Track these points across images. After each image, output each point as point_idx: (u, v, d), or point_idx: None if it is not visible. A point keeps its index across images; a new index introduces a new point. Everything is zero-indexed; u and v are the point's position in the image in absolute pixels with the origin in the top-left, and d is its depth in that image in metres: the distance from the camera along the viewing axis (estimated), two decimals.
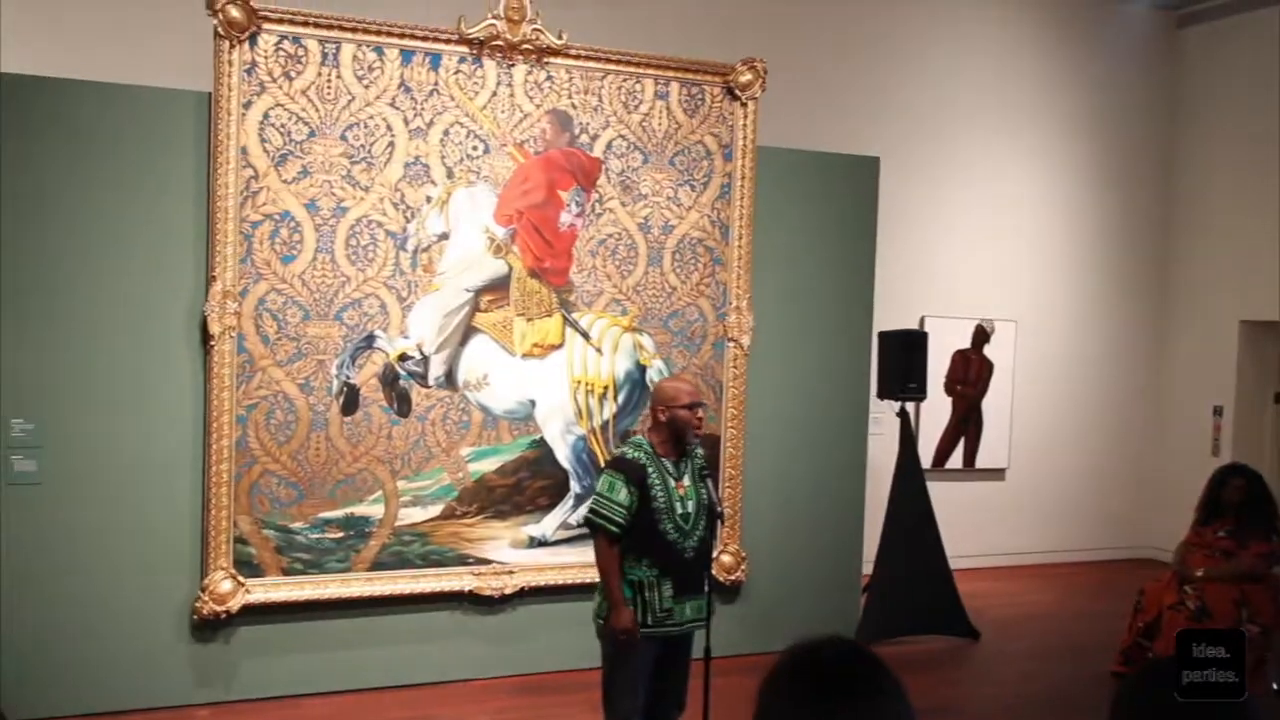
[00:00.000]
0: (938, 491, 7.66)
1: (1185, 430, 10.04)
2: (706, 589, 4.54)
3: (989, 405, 9.61)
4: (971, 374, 9.53)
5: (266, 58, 5.63)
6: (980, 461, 9.61)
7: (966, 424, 9.55)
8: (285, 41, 5.66)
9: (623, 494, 4.35)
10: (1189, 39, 10.27)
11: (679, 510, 4.41)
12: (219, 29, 5.51)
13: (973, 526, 9.22)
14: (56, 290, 5.45)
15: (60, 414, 5.46)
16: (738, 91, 6.58)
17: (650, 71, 6.41)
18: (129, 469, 5.57)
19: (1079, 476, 10.06)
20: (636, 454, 4.45)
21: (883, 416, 7.79)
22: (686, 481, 4.47)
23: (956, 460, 9.52)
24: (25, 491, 5.40)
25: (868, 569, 7.37)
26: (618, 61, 6.33)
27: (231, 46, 5.54)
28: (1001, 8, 9.64)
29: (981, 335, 9.55)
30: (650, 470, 4.40)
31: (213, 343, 5.59)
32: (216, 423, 5.61)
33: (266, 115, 5.65)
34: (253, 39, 5.59)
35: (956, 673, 7.05)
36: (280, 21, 5.65)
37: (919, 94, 9.31)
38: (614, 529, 4.35)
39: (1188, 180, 10.24)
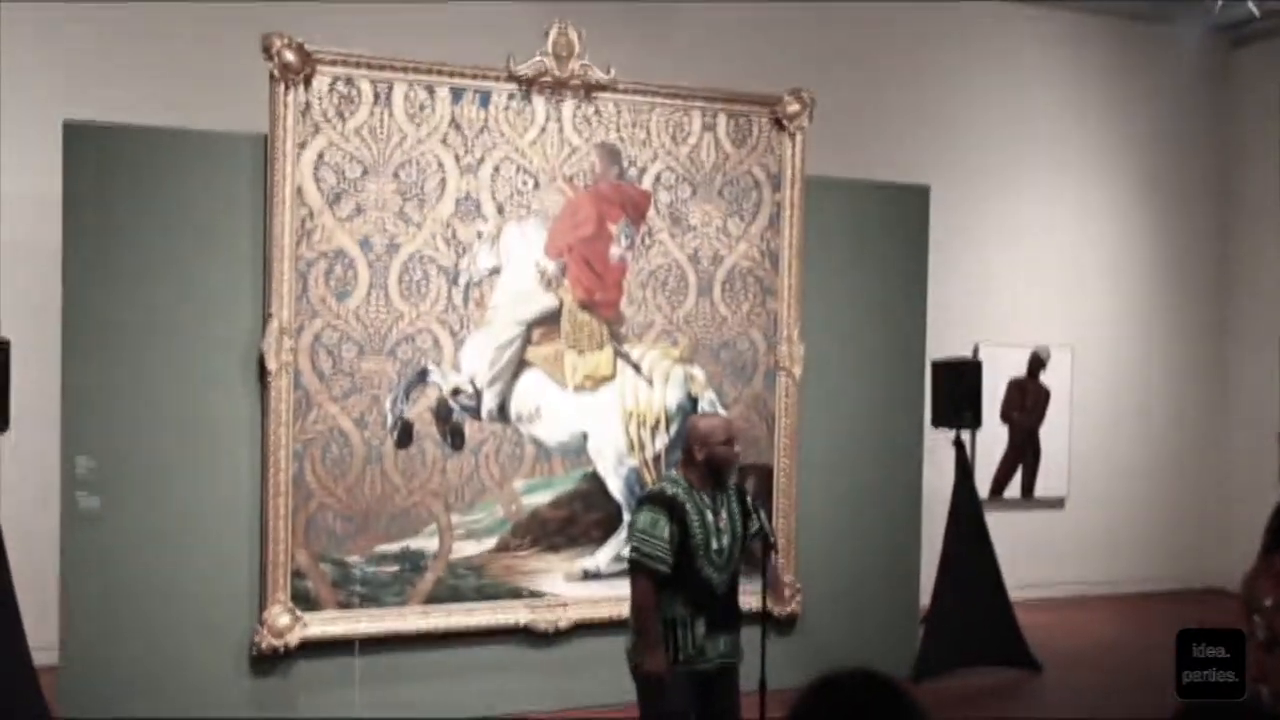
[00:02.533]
0: (995, 521, 7.56)
1: (1249, 457, 9.81)
2: (739, 623, 4.47)
3: (1046, 433, 9.47)
4: (1027, 401, 9.41)
5: (321, 99, 5.74)
6: (1039, 490, 9.47)
7: (1023, 452, 9.42)
8: (339, 83, 5.77)
9: (665, 531, 4.25)
10: (1244, 59, 10.14)
11: (714, 546, 4.33)
12: (274, 72, 5.63)
13: (1032, 557, 9.06)
14: (119, 330, 5.56)
15: (122, 452, 5.56)
16: (785, 122, 6.59)
17: (697, 104, 6.44)
18: (189, 504, 5.65)
19: (1141, 505, 9.86)
20: (674, 489, 4.37)
21: (938, 446, 7.71)
22: (725, 516, 4.40)
23: (1014, 489, 9.38)
24: (88, 528, 5.50)
25: (925, 600, 7.27)
26: (665, 95, 6.38)
27: (287, 89, 5.66)
28: (1052, 33, 9.58)
29: (1037, 362, 9.43)
30: (689, 506, 4.33)
31: (270, 379, 5.67)
32: (274, 458, 5.69)
33: (321, 155, 5.75)
34: (307, 81, 5.71)
35: (1019, 705, 6.90)
36: (334, 64, 5.76)
37: (969, 121, 9.27)
38: (663, 568, 4.24)
39: (1245, 202, 10.08)
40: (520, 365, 6.17)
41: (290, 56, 5.63)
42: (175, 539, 5.63)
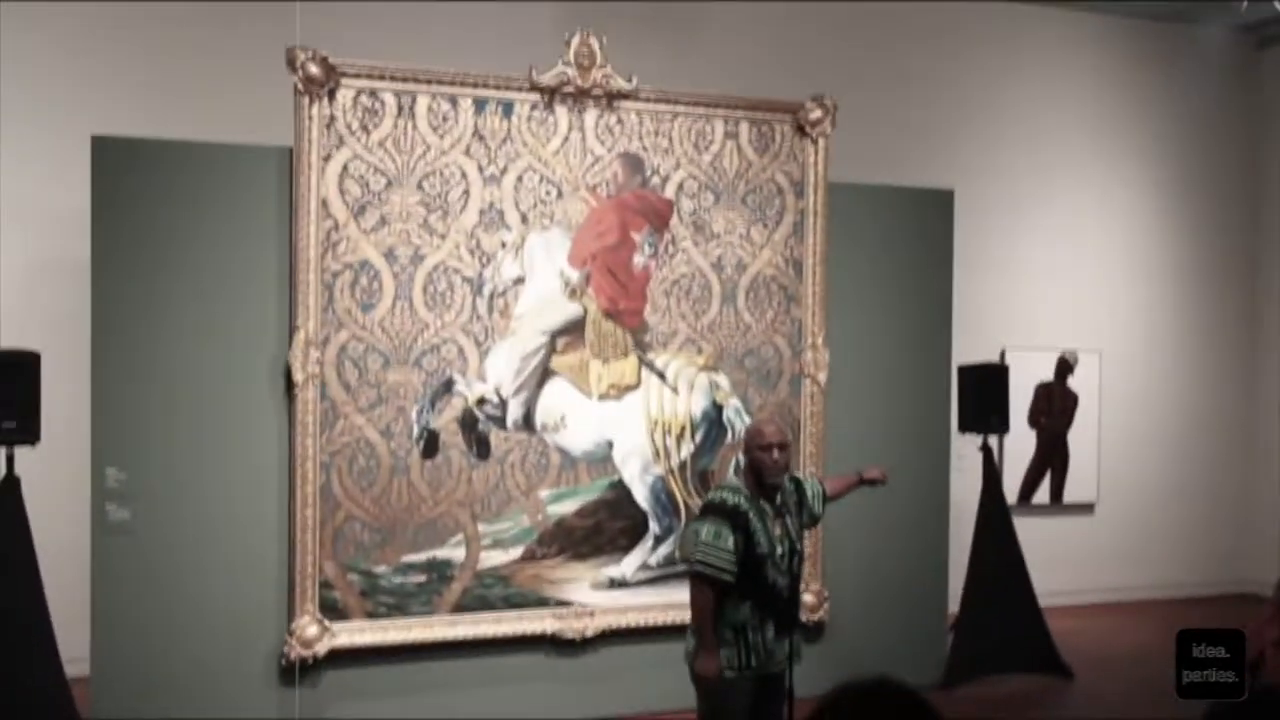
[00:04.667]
0: (1024, 527, 7.50)
1: None
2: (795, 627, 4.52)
3: (1074, 438, 9.40)
4: (1055, 406, 9.35)
5: (345, 112, 5.78)
6: (1068, 496, 9.40)
7: (1052, 458, 9.35)
8: (363, 95, 5.81)
9: (730, 541, 4.26)
10: (1270, 59, 10.05)
11: (778, 551, 4.37)
12: (299, 85, 5.67)
13: (1062, 562, 9.00)
14: (147, 343, 5.61)
15: (152, 463, 5.61)
16: (808, 129, 6.58)
17: (719, 112, 6.44)
18: (217, 516, 5.69)
19: (1172, 510, 9.77)
20: (736, 499, 4.37)
21: (965, 451, 7.67)
22: (786, 521, 4.45)
23: (1043, 495, 9.32)
24: (119, 540, 5.54)
25: (954, 606, 7.22)
26: (687, 103, 6.38)
27: (311, 102, 5.70)
28: (1077, 35, 9.54)
29: (1064, 367, 9.37)
30: (751, 515, 4.34)
31: (296, 390, 5.70)
32: (301, 469, 5.72)
33: (345, 167, 5.79)
34: (331, 94, 5.75)
35: (1050, 712, 6.86)
36: (358, 76, 5.80)
37: (994, 124, 9.23)
38: (728, 578, 4.26)
39: (1273, 204, 9.98)
40: (545, 374, 6.17)
41: (314, 69, 5.67)
42: (204, 550, 5.67)
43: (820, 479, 4.97)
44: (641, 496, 6.33)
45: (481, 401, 6.05)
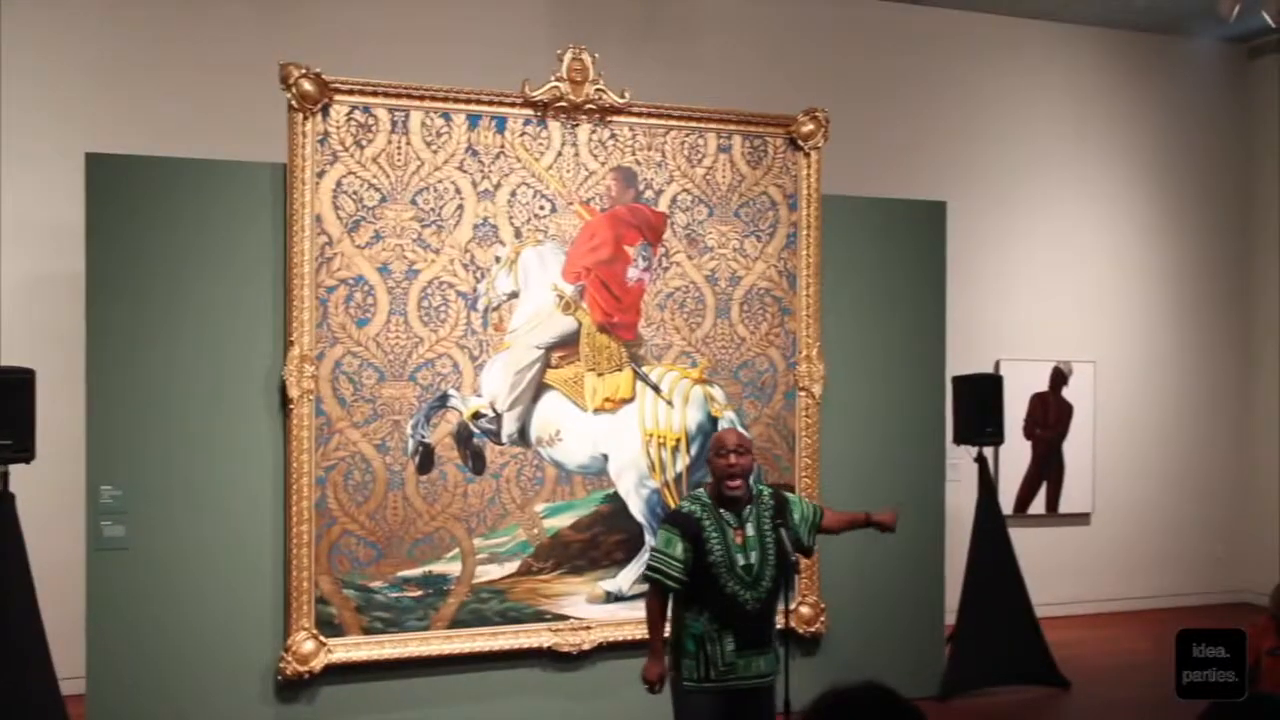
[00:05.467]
0: (1020, 538, 7.52)
1: (1275, 470, 9.73)
2: (775, 642, 4.47)
3: (1070, 448, 9.42)
4: (1050, 417, 9.37)
5: (338, 128, 5.80)
6: (1064, 506, 9.41)
7: (1047, 468, 9.37)
8: (356, 111, 5.83)
9: (678, 548, 4.32)
10: (1261, 70, 10.10)
11: (740, 562, 4.34)
12: (293, 102, 5.69)
13: (1058, 573, 9.02)
14: (141, 359, 5.62)
15: (147, 480, 5.61)
16: (800, 142, 6.61)
17: (712, 125, 6.47)
18: (212, 532, 5.69)
19: (1168, 519, 9.79)
20: (693, 507, 4.42)
21: (960, 463, 7.68)
22: (750, 531, 4.39)
23: (1039, 505, 9.33)
24: (113, 557, 5.54)
25: (950, 618, 7.22)
26: (680, 117, 6.40)
27: (305, 118, 5.71)
28: (1067, 46, 9.59)
29: (1059, 377, 9.39)
30: (706, 523, 4.36)
31: (291, 406, 5.71)
32: (296, 484, 5.72)
33: (339, 183, 5.80)
34: (325, 110, 5.76)
35: None
36: (351, 92, 5.81)
37: (987, 135, 9.27)
38: (670, 583, 4.35)
39: (1266, 213, 10.02)
40: (540, 388, 6.18)
41: (308, 86, 5.68)
42: (199, 566, 5.66)
43: (821, 508, 4.81)
44: (637, 509, 6.33)
45: (476, 416, 6.05)
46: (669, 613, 4.47)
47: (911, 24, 9.02)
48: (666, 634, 4.50)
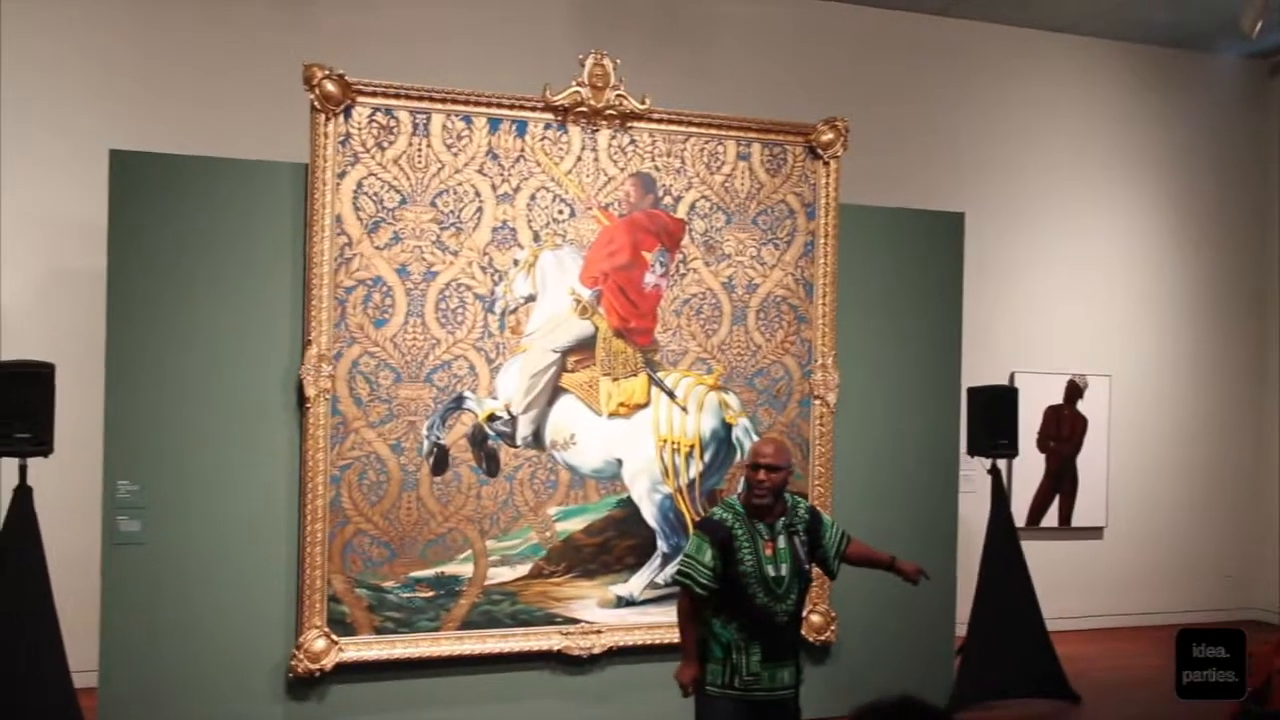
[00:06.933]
0: (1033, 550, 7.49)
1: None
2: (800, 654, 4.50)
3: (1084, 462, 9.39)
4: (1064, 430, 9.35)
5: (360, 129, 5.83)
6: (1077, 519, 9.38)
7: (1061, 481, 9.34)
8: (378, 113, 5.85)
9: (708, 555, 4.33)
10: None
11: (770, 574, 4.34)
12: (315, 103, 5.72)
13: (1071, 586, 8.98)
14: (160, 356, 5.65)
15: (163, 476, 5.64)
16: (820, 150, 6.61)
17: (732, 133, 6.48)
18: (226, 529, 5.72)
19: (1181, 535, 9.75)
20: (725, 515, 4.43)
21: (974, 474, 7.66)
22: (781, 543, 4.40)
23: (1052, 518, 9.30)
24: (129, 551, 5.57)
25: (961, 630, 7.21)
26: (700, 124, 6.42)
27: (327, 120, 5.74)
28: (1088, 60, 9.57)
29: (1074, 390, 9.37)
30: (738, 532, 4.36)
31: (308, 405, 5.73)
32: (311, 483, 5.74)
33: (360, 184, 5.83)
34: (347, 112, 5.79)
35: None
36: (373, 94, 5.84)
37: (1005, 148, 9.26)
38: (698, 589, 4.35)
39: None
40: (555, 392, 6.20)
41: (331, 87, 5.72)
42: (213, 562, 5.69)
43: (851, 538, 4.75)
44: (650, 515, 6.34)
45: (492, 418, 6.07)
46: (701, 615, 4.45)
47: (931, 35, 9.01)
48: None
